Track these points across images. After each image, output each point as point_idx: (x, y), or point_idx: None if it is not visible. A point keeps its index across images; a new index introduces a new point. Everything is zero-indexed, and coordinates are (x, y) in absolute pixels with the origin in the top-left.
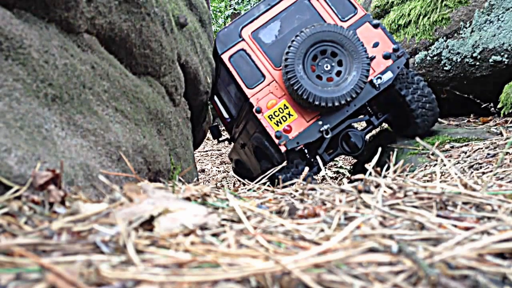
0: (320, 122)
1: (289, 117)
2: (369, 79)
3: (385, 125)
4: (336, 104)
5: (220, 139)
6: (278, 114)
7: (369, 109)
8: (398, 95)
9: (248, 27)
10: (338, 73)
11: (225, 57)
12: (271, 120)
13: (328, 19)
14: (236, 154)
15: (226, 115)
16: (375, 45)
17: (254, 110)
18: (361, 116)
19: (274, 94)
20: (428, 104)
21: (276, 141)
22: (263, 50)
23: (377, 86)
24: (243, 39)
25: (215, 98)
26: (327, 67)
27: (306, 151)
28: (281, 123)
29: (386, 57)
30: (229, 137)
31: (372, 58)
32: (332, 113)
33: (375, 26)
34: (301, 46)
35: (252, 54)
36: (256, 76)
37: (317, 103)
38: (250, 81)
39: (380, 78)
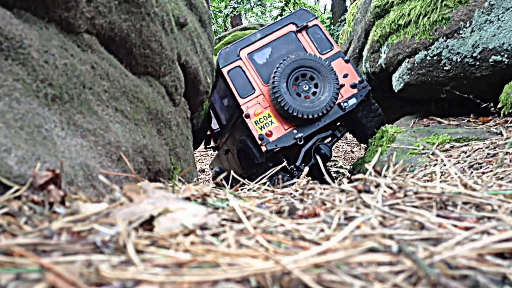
0: (295, 131)
1: (271, 124)
2: (338, 101)
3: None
4: (310, 117)
5: (208, 146)
6: (263, 121)
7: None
8: (356, 117)
9: (245, 49)
10: (314, 93)
11: (225, 70)
12: (256, 125)
13: (309, 51)
14: (218, 163)
15: (215, 126)
16: (345, 76)
17: (243, 115)
18: (328, 131)
19: (261, 105)
20: (376, 118)
21: (259, 141)
22: (256, 69)
23: (344, 108)
24: (240, 58)
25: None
26: (305, 87)
27: (286, 164)
28: (264, 128)
29: (353, 86)
30: (214, 145)
31: (341, 86)
32: (305, 125)
33: (346, 61)
34: (286, 69)
35: (246, 71)
36: (248, 88)
37: (295, 114)
38: (243, 92)
39: (347, 102)
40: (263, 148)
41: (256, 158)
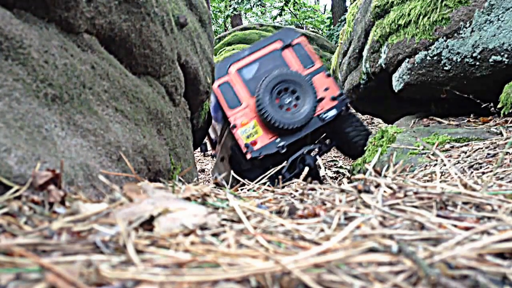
0: (278, 140)
1: (256, 134)
2: (318, 113)
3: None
4: (290, 127)
5: (206, 153)
6: (248, 131)
7: (321, 139)
8: (343, 131)
9: (235, 64)
10: (295, 105)
11: (215, 85)
12: (242, 135)
13: (294, 67)
14: (217, 169)
15: (212, 136)
16: (326, 89)
17: (231, 126)
18: (315, 144)
19: (247, 116)
20: (362, 132)
21: (244, 150)
22: (244, 83)
23: (323, 119)
24: (228, 74)
25: None
26: (287, 100)
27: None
28: (249, 137)
29: (333, 99)
30: (213, 153)
31: (322, 99)
32: (287, 134)
33: (327, 75)
34: (270, 83)
35: (234, 86)
36: (235, 101)
37: (276, 125)
38: (231, 104)
39: (326, 113)
40: (248, 156)
41: (243, 165)
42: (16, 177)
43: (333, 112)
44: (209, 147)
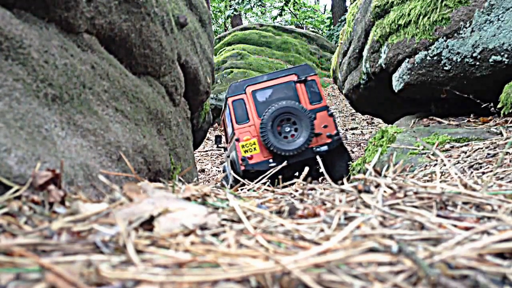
0: (271, 161)
1: (254, 150)
2: (312, 146)
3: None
4: (283, 154)
5: (220, 145)
6: (248, 146)
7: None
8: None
9: (251, 86)
10: (292, 135)
11: (230, 100)
12: (242, 148)
13: (302, 100)
14: (226, 162)
15: (229, 131)
16: (325, 126)
17: (235, 138)
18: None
19: (251, 133)
20: (345, 164)
21: (240, 162)
22: (255, 104)
23: (315, 152)
24: (245, 93)
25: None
26: (287, 129)
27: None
28: (247, 152)
29: (328, 136)
30: (226, 146)
31: (319, 134)
32: (280, 158)
33: (330, 115)
34: (275, 112)
35: (247, 104)
36: (244, 118)
37: (272, 149)
38: (240, 120)
39: (319, 148)
40: (242, 167)
41: (238, 172)
42: (16, 177)
43: (325, 148)
44: (223, 139)
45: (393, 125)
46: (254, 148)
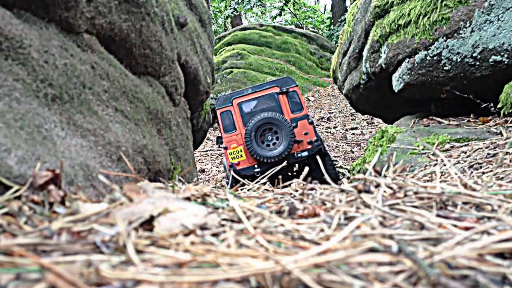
0: (256, 166)
1: (240, 157)
2: (294, 151)
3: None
4: (266, 160)
5: (221, 146)
6: (235, 153)
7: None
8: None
9: (237, 99)
10: (274, 144)
11: (218, 111)
12: (230, 155)
13: (284, 110)
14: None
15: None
16: (305, 133)
17: (223, 146)
18: (293, 169)
19: (237, 142)
20: (331, 171)
21: (228, 168)
22: (241, 115)
23: (296, 157)
24: (232, 105)
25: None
26: (269, 138)
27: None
28: (234, 159)
29: (309, 143)
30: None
31: (299, 141)
32: (264, 164)
33: (310, 123)
34: (258, 122)
35: (234, 115)
36: (231, 127)
37: (255, 156)
38: (227, 129)
39: (300, 154)
40: (231, 173)
41: (228, 177)
42: (16, 177)
43: (305, 154)
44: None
45: (393, 125)
46: (241, 155)
